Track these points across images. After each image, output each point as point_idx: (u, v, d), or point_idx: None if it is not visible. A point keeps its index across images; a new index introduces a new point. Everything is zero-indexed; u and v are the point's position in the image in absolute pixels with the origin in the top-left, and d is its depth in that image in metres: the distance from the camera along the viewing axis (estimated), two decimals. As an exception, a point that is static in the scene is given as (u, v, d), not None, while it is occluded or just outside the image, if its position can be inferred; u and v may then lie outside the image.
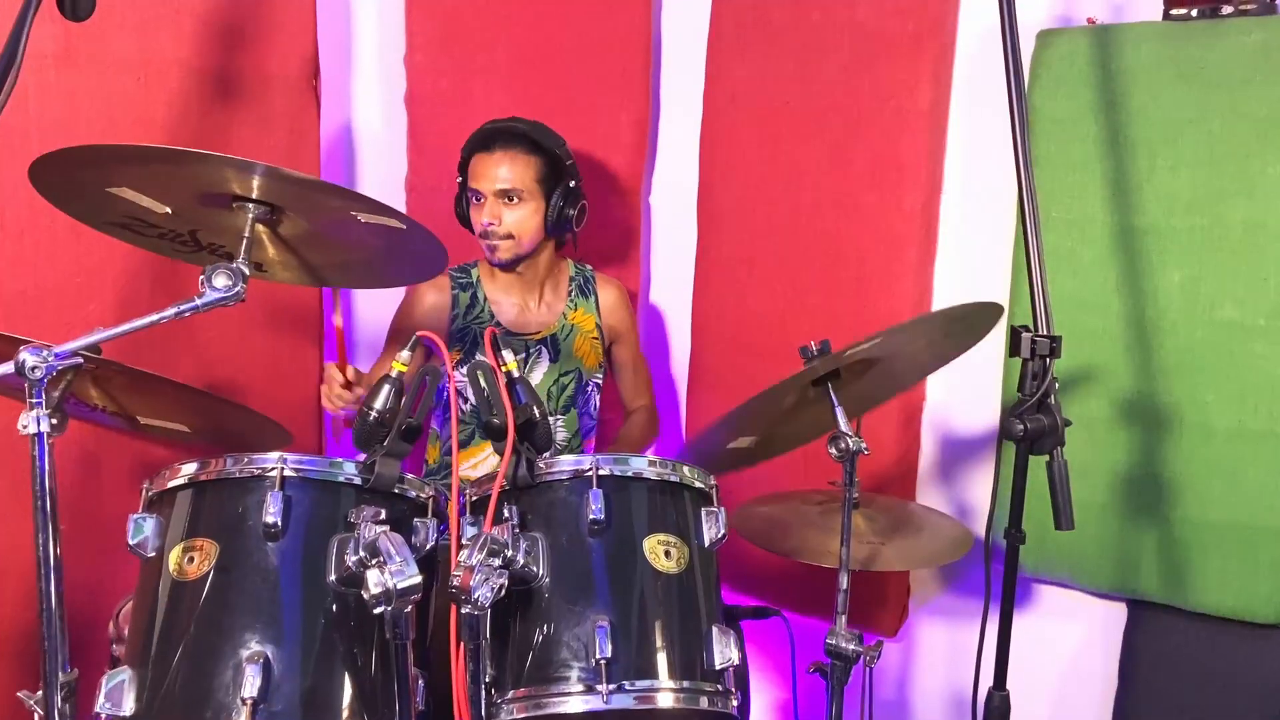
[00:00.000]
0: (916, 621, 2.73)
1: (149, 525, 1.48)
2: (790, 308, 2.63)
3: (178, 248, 1.62)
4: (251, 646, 1.38)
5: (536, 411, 1.57)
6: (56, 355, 1.25)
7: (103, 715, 1.36)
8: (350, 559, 1.40)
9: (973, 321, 1.90)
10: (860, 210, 2.50)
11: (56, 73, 1.90)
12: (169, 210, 1.45)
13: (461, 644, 1.38)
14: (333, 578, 1.44)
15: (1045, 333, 1.55)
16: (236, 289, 1.37)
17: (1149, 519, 2.23)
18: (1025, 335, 1.55)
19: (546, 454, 1.59)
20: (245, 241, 1.41)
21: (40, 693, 1.33)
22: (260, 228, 1.49)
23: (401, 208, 2.84)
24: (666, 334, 3.00)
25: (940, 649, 2.71)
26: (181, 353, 2.24)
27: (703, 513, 1.61)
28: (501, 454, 1.50)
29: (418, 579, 1.34)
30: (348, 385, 1.99)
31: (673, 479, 1.61)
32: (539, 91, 2.72)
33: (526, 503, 1.55)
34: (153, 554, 1.47)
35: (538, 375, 2.42)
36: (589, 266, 2.55)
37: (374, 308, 2.78)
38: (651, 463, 1.60)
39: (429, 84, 2.73)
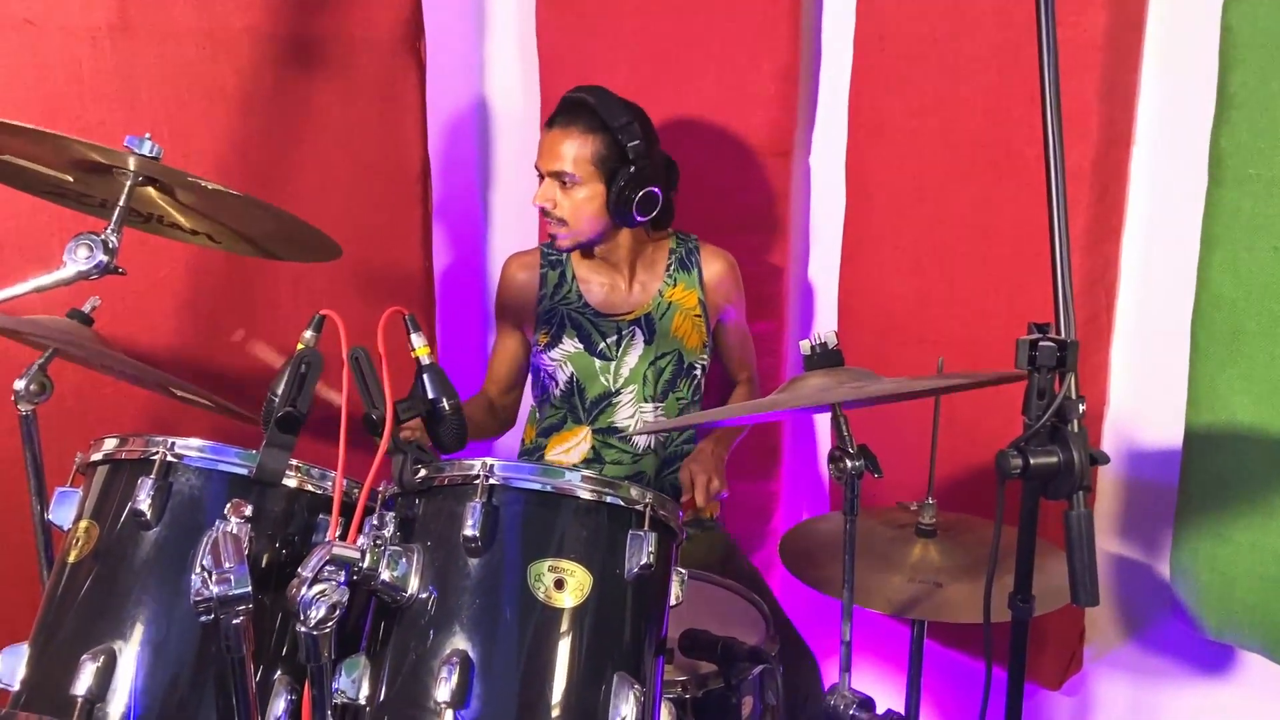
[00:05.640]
0: (1093, 675, 2.23)
1: (70, 499, 1.45)
2: (936, 291, 2.22)
3: (132, 218, 1.56)
4: (103, 641, 1.30)
5: (446, 405, 1.38)
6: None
7: None
8: (205, 559, 1.29)
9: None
10: (1018, 170, 2.05)
11: (112, 44, 1.93)
12: (70, 179, 1.40)
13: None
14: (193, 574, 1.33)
15: (1057, 335, 1.11)
16: (97, 259, 1.29)
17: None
18: (1027, 338, 1.12)
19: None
20: (118, 211, 1.32)
21: None
22: (158, 196, 1.41)
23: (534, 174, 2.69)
24: (823, 314, 2.65)
25: (1118, 712, 2.20)
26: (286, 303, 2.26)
27: (629, 537, 1.32)
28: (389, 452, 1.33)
29: (245, 590, 1.21)
30: None
31: (609, 499, 1.33)
32: (667, 43, 2.47)
33: (420, 508, 1.36)
34: (69, 529, 1.45)
35: (632, 359, 2.20)
36: (694, 236, 2.28)
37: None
38: (586, 479, 1.34)
39: (554, 40, 2.56)
